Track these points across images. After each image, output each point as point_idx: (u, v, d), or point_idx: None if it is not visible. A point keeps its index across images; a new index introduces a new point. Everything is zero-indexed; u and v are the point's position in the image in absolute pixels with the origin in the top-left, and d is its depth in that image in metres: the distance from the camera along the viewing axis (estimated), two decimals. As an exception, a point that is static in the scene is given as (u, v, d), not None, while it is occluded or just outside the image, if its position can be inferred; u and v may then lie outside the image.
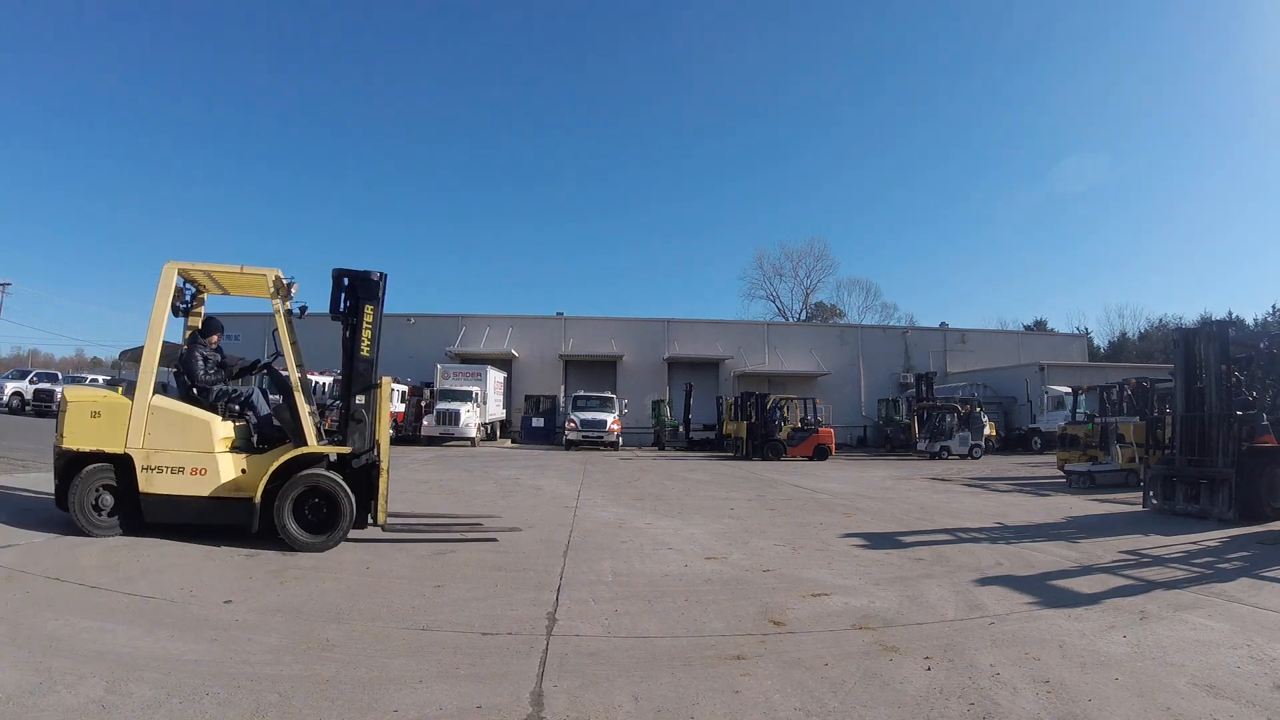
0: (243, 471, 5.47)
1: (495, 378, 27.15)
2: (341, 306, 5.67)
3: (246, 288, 6.24)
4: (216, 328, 6.32)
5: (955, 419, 21.84)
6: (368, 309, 5.65)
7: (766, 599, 4.35)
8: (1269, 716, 2.70)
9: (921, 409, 23.77)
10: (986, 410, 24.10)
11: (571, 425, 23.81)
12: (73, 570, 4.33)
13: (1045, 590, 4.72)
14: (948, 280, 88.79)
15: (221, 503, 5.36)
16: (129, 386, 5.63)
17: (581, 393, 26.65)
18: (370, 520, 5.65)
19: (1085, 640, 3.59)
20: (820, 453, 20.65)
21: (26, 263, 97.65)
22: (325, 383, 25.26)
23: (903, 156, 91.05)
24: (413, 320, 31.28)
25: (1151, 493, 9.20)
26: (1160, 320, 49.52)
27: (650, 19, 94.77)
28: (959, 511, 8.94)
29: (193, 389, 5.83)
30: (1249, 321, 44.18)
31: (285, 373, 5.82)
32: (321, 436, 5.77)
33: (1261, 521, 7.86)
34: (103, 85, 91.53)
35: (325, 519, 5.35)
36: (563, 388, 31.43)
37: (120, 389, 5.76)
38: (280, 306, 5.75)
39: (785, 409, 21.67)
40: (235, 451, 5.61)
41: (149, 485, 5.29)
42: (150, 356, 5.53)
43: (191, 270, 5.93)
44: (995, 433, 24.84)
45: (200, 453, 5.37)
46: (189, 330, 6.29)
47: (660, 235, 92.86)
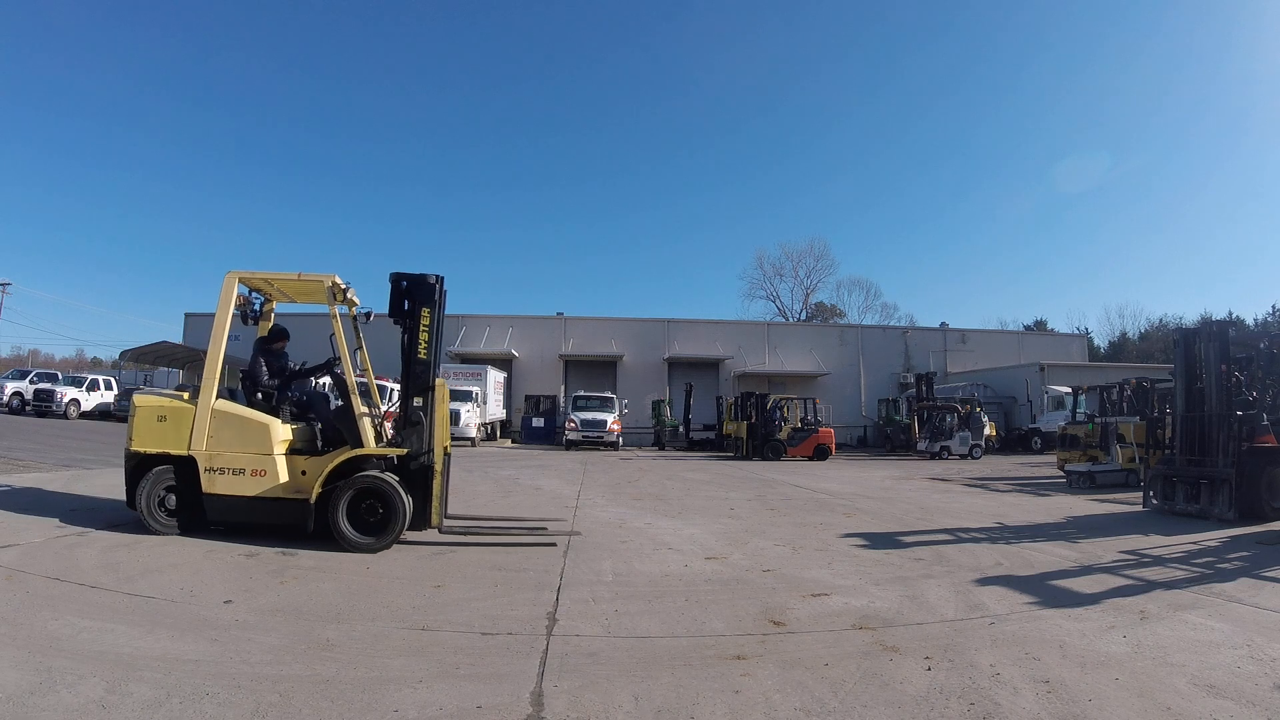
0: (302, 473, 5.55)
1: (495, 378, 27.14)
2: (400, 309, 5.72)
3: (305, 293, 6.42)
4: (282, 333, 6.48)
5: (955, 419, 21.83)
6: (424, 311, 5.70)
7: (767, 599, 4.35)
8: (1269, 716, 2.70)
9: (921, 409, 23.76)
10: (986, 410, 24.09)
11: (571, 425, 23.80)
12: (73, 570, 4.32)
13: (1045, 590, 4.72)
14: (948, 280, 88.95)
15: (280, 503, 5.46)
16: (195, 391, 5.80)
17: (581, 393, 26.64)
18: (428, 523, 5.64)
19: (1085, 640, 3.59)
20: (820, 453, 20.64)
21: (26, 263, 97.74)
22: (325, 382, 25.30)
23: (903, 156, 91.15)
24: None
25: (1151, 493, 9.19)
26: (1160, 320, 49.61)
27: (650, 20, 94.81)
28: (959, 511, 8.94)
29: (258, 393, 6.00)
30: (1249, 321, 44.24)
31: (344, 375, 5.86)
32: (381, 439, 5.86)
33: (1261, 521, 7.86)
34: (103, 86, 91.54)
35: (381, 521, 5.37)
36: (563, 388, 31.43)
37: (187, 394, 5.89)
38: (337, 311, 5.88)
39: (785, 409, 21.67)
40: (295, 453, 5.70)
41: (211, 486, 5.46)
42: (213, 363, 5.72)
43: (252, 278, 6.10)
44: (995, 433, 24.84)
45: (260, 454, 5.50)
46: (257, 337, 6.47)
47: (660, 235, 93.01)
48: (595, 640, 3.47)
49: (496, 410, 27.19)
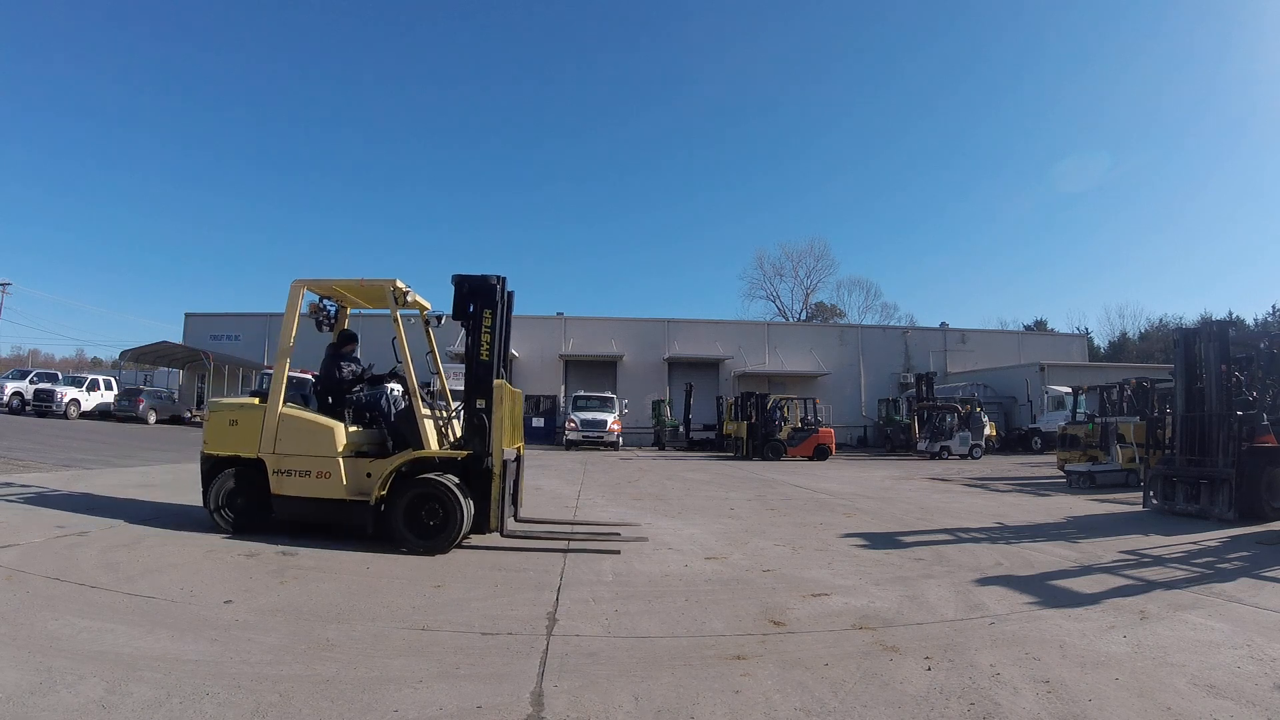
0: (367, 475, 5.59)
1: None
2: (464, 311, 5.75)
3: (370, 298, 6.50)
4: (352, 337, 6.57)
5: (955, 419, 21.84)
6: (486, 313, 5.73)
7: (767, 599, 4.35)
8: (1269, 716, 2.70)
9: (922, 409, 23.77)
10: (986, 410, 24.11)
11: (571, 425, 23.80)
12: (73, 570, 4.32)
13: (1045, 590, 4.72)
14: (948, 280, 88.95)
15: (344, 505, 5.53)
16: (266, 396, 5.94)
17: (581, 393, 26.65)
18: (486, 526, 5.59)
19: (1085, 640, 3.59)
20: (820, 453, 20.65)
21: (26, 263, 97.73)
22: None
23: (903, 156, 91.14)
24: (412, 321, 31.30)
25: (1151, 493, 9.19)
26: (1160, 320, 49.61)
27: (650, 20, 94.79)
28: (959, 511, 8.94)
29: (328, 397, 6.09)
30: (1249, 321, 44.22)
31: (407, 378, 5.90)
32: (444, 441, 5.88)
33: (1261, 521, 7.85)
34: (103, 86, 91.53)
35: (441, 523, 5.36)
36: (563, 388, 31.43)
37: (259, 400, 5.99)
38: (398, 314, 5.95)
39: (785, 409, 21.68)
40: (360, 456, 5.74)
41: (279, 487, 5.59)
42: (281, 369, 5.90)
43: (317, 285, 6.18)
44: (995, 433, 24.85)
45: (324, 457, 5.59)
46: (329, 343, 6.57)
47: (660, 235, 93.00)
48: (595, 640, 3.47)
49: (497, 410, 27.13)
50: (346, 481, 5.56)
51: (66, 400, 23.70)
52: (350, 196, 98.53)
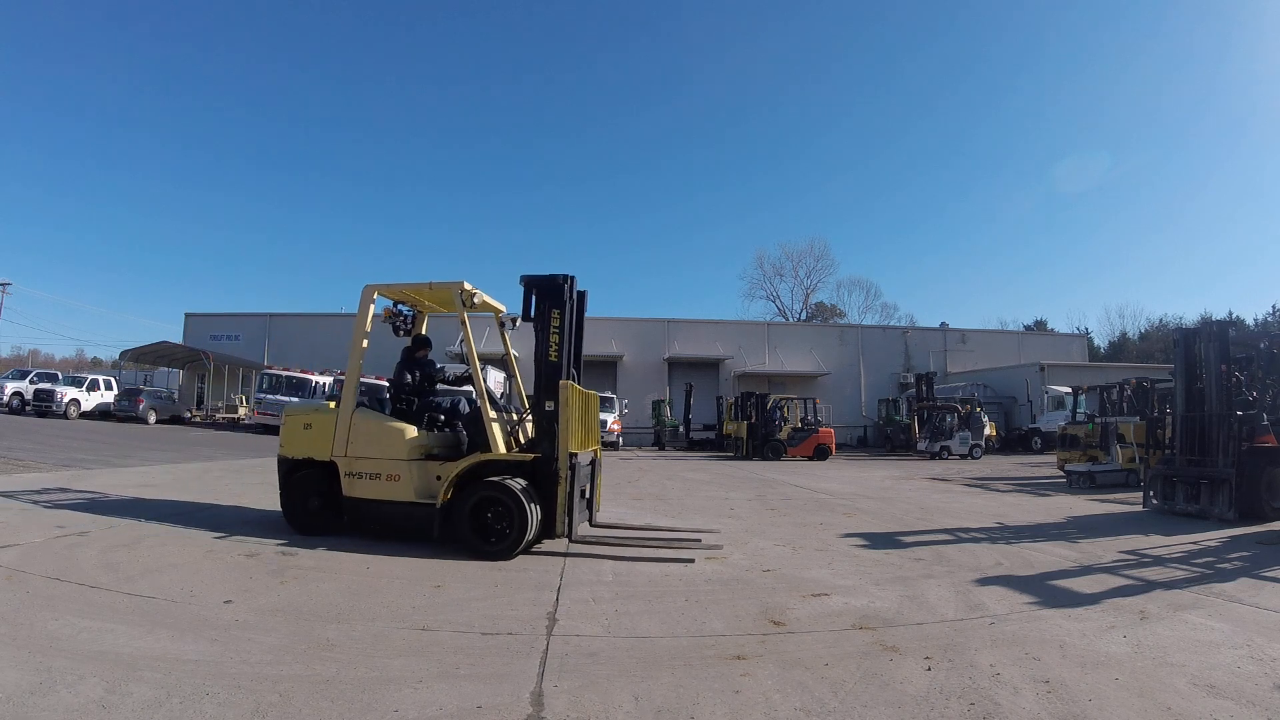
0: (437, 479, 5.56)
1: (495, 378, 27.12)
2: (538, 312, 5.73)
3: (441, 302, 6.53)
4: (425, 342, 6.55)
5: (955, 419, 21.84)
6: (554, 313, 5.69)
7: (767, 599, 4.35)
8: (1269, 716, 2.70)
9: (922, 409, 23.78)
10: (986, 410, 24.12)
11: (572, 425, 23.74)
12: (73, 570, 4.32)
13: (1045, 590, 4.72)
14: (948, 280, 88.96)
15: (413, 507, 5.53)
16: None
17: (582, 392, 26.58)
18: (558, 531, 5.46)
19: (1085, 640, 3.59)
20: (820, 453, 20.65)
21: (26, 263, 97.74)
22: (325, 383, 25.31)
23: (903, 156, 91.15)
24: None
25: (1151, 493, 9.19)
26: (1160, 320, 49.63)
27: (650, 20, 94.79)
28: (959, 511, 8.94)
29: (401, 400, 6.13)
30: (1249, 321, 44.24)
31: (475, 380, 5.91)
32: (514, 444, 5.86)
33: (1261, 521, 7.85)
34: (103, 86, 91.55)
35: (507, 528, 5.27)
36: (563, 388, 31.37)
37: (334, 403, 6.05)
38: (466, 316, 5.97)
39: (785, 409, 21.69)
40: (430, 459, 5.73)
41: (351, 490, 5.65)
42: (353, 372, 5.96)
43: (388, 290, 6.26)
44: (995, 433, 24.86)
45: (394, 460, 5.61)
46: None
47: (660, 235, 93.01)
48: (595, 640, 3.47)
49: (497, 410, 27.13)
50: (415, 484, 5.56)
51: (66, 400, 23.69)
52: (350, 196, 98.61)
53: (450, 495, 5.39)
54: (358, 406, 5.84)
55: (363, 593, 4.19)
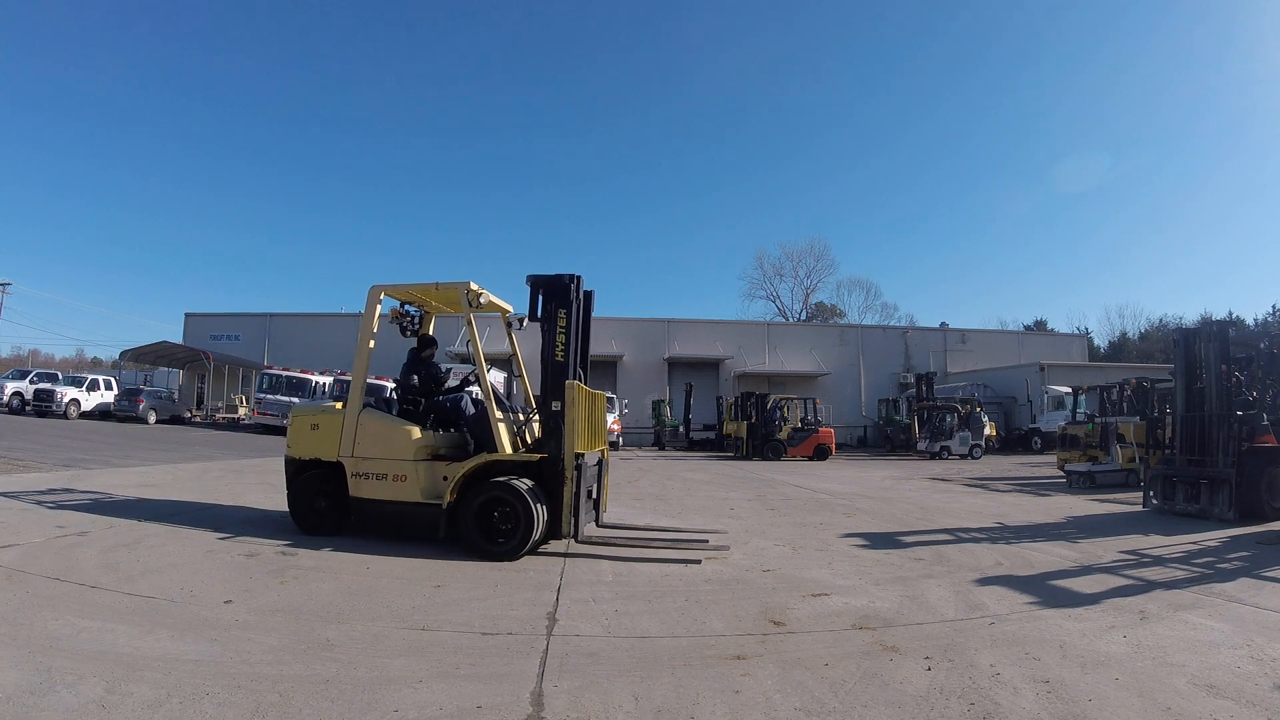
0: (443, 479, 5.56)
1: (495, 378, 27.14)
2: (545, 311, 5.72)
3: (447, 303, 6.53)
4: (431, 342, 6.58)
5: (955, 419, 21.84)
6: (560, 313, 5.69)
7: (767, 599, 4.34)
8: (1269, 716, 2.70)
9: (922, 409, 23.78)
10: (986, 410, 24.13)
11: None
12: (73, 570, 4.32)
13: (1045, 590, 4.72)
14: (948, 280, 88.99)
15: (419, 507, 5.52)
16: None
17: (582, 392, 26.56)
18: (564, 532, 5.45)
19: (1085, 640, 3.59)
20: (820, 453, 20.65)
21: (26, 263, 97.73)
22: (325, 383, 25.31)
23: (903, 156, 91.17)
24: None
25: (1151, 493, 9.19)
26: (1160, 320, 49.69)
27: (650, 19, 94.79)
28: (959, 511, 8.94)
29: (407, 401, 6.13)
30: (1249, 321, 44.28)
31: (482, 381, 5.90)
32: (520, 444, 5.85)
33: (1261, 521, 7.85)
34: (103, 86, 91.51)
35: (513, 529, 5.28)
36: (563, 388, 31.36)
37: (341, 404, 6.03)
38: (472, 317, 5.95)
39: (785, 409, 21.69)
40: (436, 460, 5.74)
41: (357, 490, 5.65)
42: (360, 373, 5.96)
43: (395, 290, 6.27)
44: (995, 433, 24.87)
45: (400, 460, 5.61)
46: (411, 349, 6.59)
47: (660, 235, 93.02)
48: (595, 640, 3.47)
49: (497, 410, 27.12)
50: (422, 484, 5.55)
51: (66, 400, 23.68)
52: (350, 196, 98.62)
53: (456, 496, 5.39)
54: (365, 407, 5.84)
55: (363, 593, 4.19)
